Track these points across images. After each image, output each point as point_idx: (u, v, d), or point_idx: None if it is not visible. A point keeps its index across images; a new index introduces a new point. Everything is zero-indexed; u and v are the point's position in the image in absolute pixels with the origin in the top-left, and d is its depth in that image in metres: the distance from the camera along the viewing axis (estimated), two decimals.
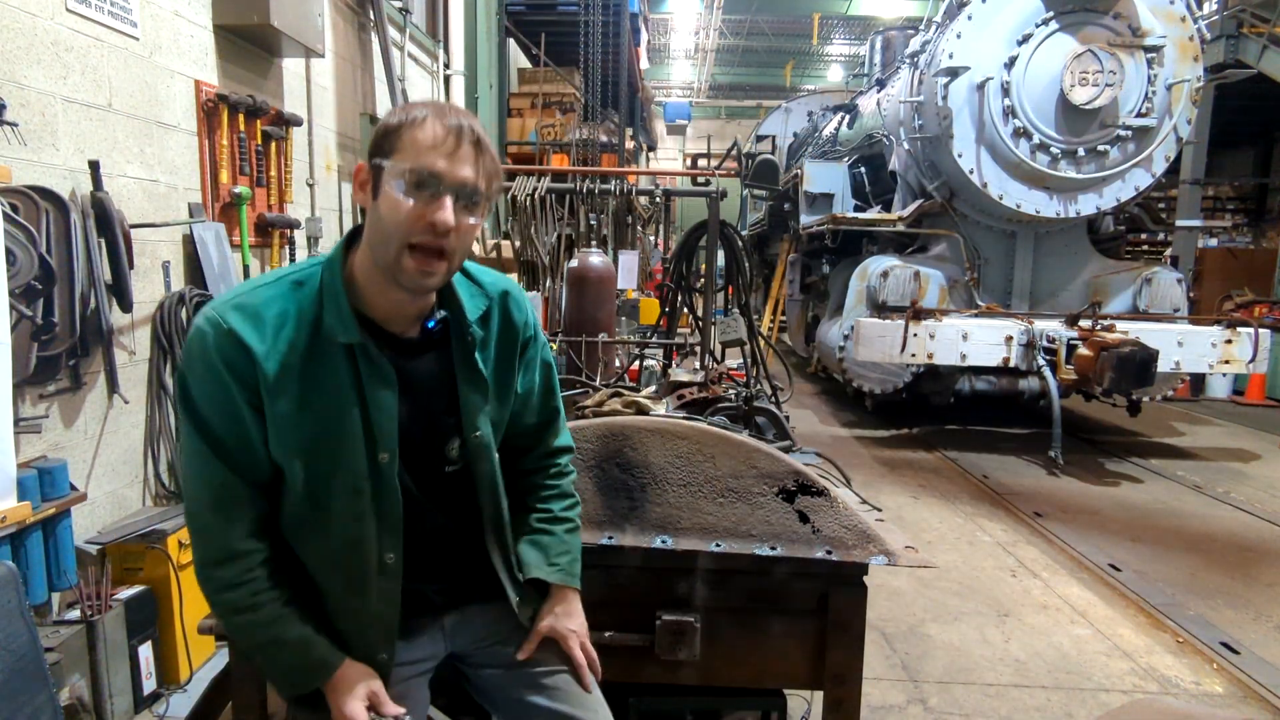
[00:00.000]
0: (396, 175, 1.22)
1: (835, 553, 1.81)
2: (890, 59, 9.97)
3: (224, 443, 1.27)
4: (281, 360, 1.25)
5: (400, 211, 1.22)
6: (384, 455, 1.32)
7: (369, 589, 1.37)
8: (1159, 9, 6.94)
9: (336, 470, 1.31)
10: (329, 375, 1.28)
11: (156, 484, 3.55)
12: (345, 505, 1.32)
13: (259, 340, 1.25)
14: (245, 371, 1.25)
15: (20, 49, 2.84)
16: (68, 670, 2.54)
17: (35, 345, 2.78)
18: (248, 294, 1.29)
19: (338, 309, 1.28)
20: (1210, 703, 3.15)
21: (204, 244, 3.81)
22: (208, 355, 1.24)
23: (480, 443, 1.44)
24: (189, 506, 1.32)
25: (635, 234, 6.45)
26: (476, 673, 1.58)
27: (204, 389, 1.26)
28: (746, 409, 2.70)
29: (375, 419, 1.31)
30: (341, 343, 1.28)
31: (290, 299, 1.29)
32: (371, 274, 1.30)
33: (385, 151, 1.24)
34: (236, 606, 1.30)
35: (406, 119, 1.24)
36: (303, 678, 1.35)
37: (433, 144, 1.22)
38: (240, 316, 1.25)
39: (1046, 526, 5.08)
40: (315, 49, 4.67)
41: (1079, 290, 7.72)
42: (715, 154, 11.99)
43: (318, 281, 1.31)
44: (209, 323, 1.25)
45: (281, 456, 1.29)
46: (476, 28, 8.67)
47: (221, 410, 1.26)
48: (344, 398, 1.29)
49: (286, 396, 1.26)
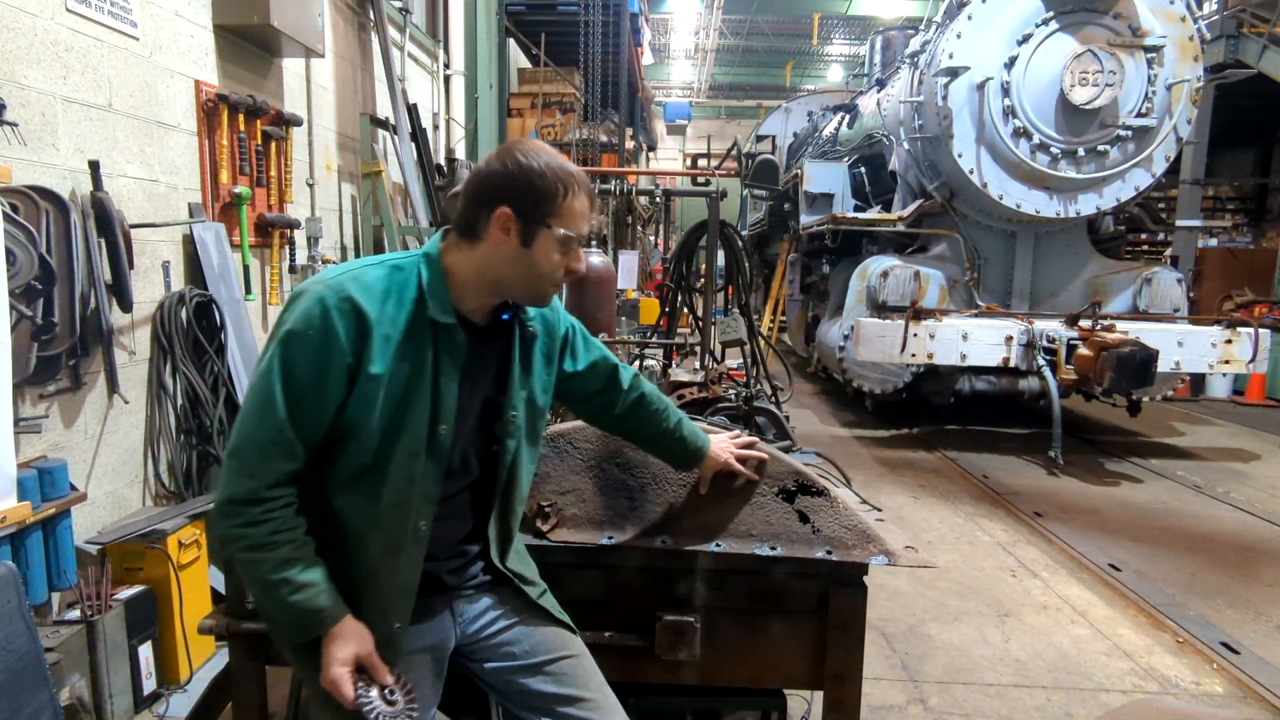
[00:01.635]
0: (559, 240, 1.47)
1: (835, 553, 1.81)
2: (890, 59, 9.97)
3: (303, 399, 1.38)
4: (386, 330, 1.42)
5: (555, 264, 1.49)
6: (443, 427, 1.47)
7: (403, 553, 1.47)
8: (1159, 9, 6.94)
9: (402, 433, 1.44)
10: (417, 348, 1.45)
11: (156, 484, 3.55)
12: (401, 468, 1.44)
13: (374, 309, 1.41)
14: (355, 337, 1.39)
15: (20, 49, 2.84)
16: (68, 670, 2.54)
17: (35, 345, 2.78)
18: (359, 270, 1.45)
19: (437, 294, 1.46)
20: (1210, 703, 3.15)
21: (204, 244, 3.81)
22: (327, 318, 1.38)
23: (513, 423, 1.58)
24: (237, 443, 1.39)
25: (635, 234, 6.46)
26: (481, 666, 1.62)
27: (310, 347, 1.38)
28: (746, 409, 2.70)
29: (442, 392, 1.47)
30: (438, 322, 1.45)
31: (394, 279, 1.46)
32: (480, 284, 1.49)
33: (547, 214, 1.45)
34: (254, 542, 1.37)
35: (566, 189, 1.46)
36: (306, 621, 1.39)
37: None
38: (359, 287, 1.41)
39: (1046, 526, 5.08)
40: (315, 49, 4.67)
41: (1079, 290, 7.72)
42: (715, 154, 12.00)
43: (415, 269, 1.48)
44: (331, 289, 1.40)
45: (361, 415, 1.41)
46: (476, 28, 8.66)
47: (317, 369, 1.38)
48: (424, 369, 1.45)
49: (382, 360, 1.41)
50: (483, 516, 1.60)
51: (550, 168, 1.45)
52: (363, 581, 1.46)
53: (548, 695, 1.56)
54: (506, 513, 1.62)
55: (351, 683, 1.37)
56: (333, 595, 1.41)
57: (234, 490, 1.37)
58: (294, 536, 1.40)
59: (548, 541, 1.84)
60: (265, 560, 1.37)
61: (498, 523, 1.61)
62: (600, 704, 1.57)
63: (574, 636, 1.65)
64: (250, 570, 1.40)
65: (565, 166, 1.47)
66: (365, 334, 1.40)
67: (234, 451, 1.39)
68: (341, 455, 1.44)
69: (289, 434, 1.38)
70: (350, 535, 1.46)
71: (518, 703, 1.58)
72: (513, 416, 1.58)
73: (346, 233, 5.91)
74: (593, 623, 1.79)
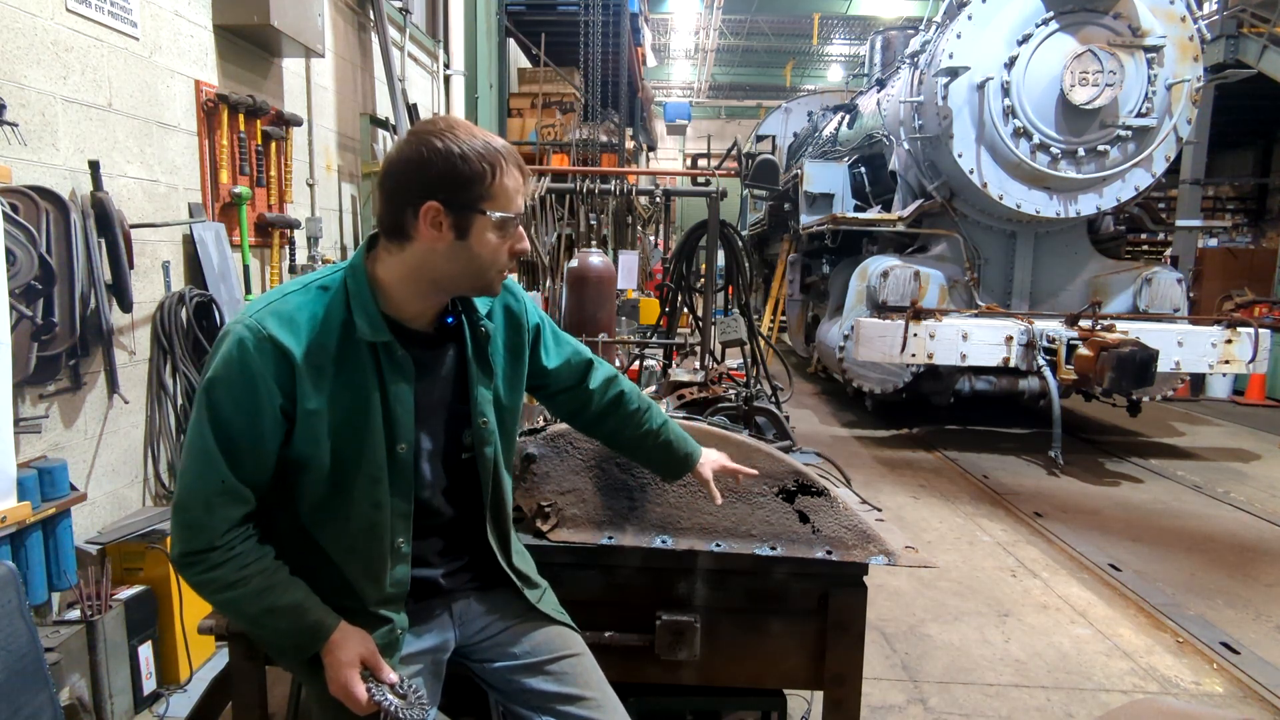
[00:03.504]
0: (497, 224, 1.36)
1: (835, 553, 1.81)
2: (890, 59, 9.97)
3: (238, 447, 1.32)
4: (315, 360, 1.34)
5: (497, 252, 1.39)
6: (402, 446, 1.41)
7: (384, 574, 1.44)
8: (1159, 9, 6.94)
9: (359, 460, 1.39)
10: (355, 372, 1.37)
11: (156, 484, 3.55)
12: (365, 493, 1.40)
13: (295, 343, 1.33)
14: (282, 374, 1.32)
15: (20, 49, 2.84)
16: (68, 670, 2.54)
17: (35, 345, 2.78)
18: (279, 301, 1.36)
19: (365, 311, 1.37)
20: (1210, 703, 3.15)
21: (204, 244, 3.81)
22: (246, 360, 1.30)
23: (485, 429, 1.53)
24: (182, 499, 1.34)
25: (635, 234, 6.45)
26: (482, 666, 1.61)
27: (234, 393, 1.31)
28: (746, 409, 2.70)
29: (394, 411, 1.40)
30: (370, 341, 1.37)
31: (319, 303, 1.37)
32: (415, 287, 1.40)
33: (477, 198, 1.33)
34: (224, 583, 1.34)
35: (493, 167, 1.33)
36: (303, 640, 1.38)
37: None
38: (277, 322, 1.33)
39: (1046, 526, 5.08)
40: (315, 49, 4.67)
41: (1079, 290, 7.72)
42: (715, 154, 12.00)
43: (341, 286, 1.39)
44: (248, 329, 1.32)
45: (309, 451, 1.36)
46: (476, 28, 8.67)
47: (247, 414, 1.32)
48: (368, 393, 1.38)
49: (318, 394, 1.34)
50: (477, 522, 1.58)
51: (472, 148, 1.32)
52: (353, 599, 1.44)
53: (549, 694, 1.55)
54: (499, 515, 1.60)
55: (362, 684, 1.37)
56: (321, 607, 1.40)
57: (186, 545, 1.34)
58: (262, 566, 1.36)
59: (548, 541, 1.84)
60: (241, 597, 1.34)
61: (494, 527, 1.59)
62: (602, 703, 1.56)
63: (575, 636, 1.65)
64: (231, 609, 1.39)
65: (489, 143, 1.34)
66: (291, 370, 1.32)
67: (180, 506, 1.34)
68: (300, 487, 1.40)
69: (231, 483, 1.32)
70: (330, 558, 1.44)
71: (519, 702, 1.58)
72: (484, 423, 1.52)
73: (346, 233, 5.91)
74: (593, 623, 1.79)
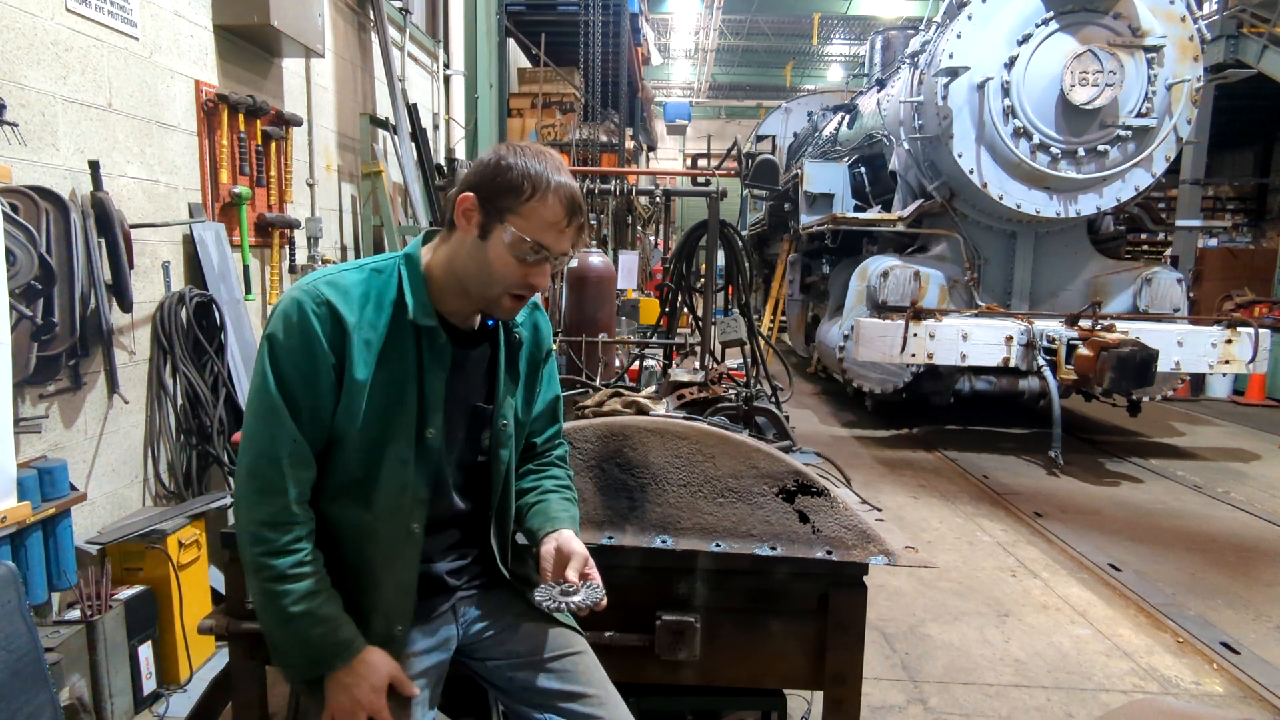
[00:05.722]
0: (514, 241, 1.37)
1: (835, 553, 1.81)
2: (890, 59, 9.97)
3: (300, 406, 1.36)
4: (366, 334, 1.39)
5: (509, 269, 1.39)
6: (431, 431, 1.45)
7: (400, 556, 1.46)
8: (1159, 9, 6.94)
9: (389, 440, 1.41)
10: (399, 353, 1.41)
11: (156, 484, 3.55)
12: (392, 476, 1.42)
13: (350, 312, 1.38)
14: (336, 339, 1.36)
15: (20, 49, 2.84)
16: (68, 670, 2.54)
17: (35, 345, 2.78)
18: (335, 275, 1.41)
19: (417, 295, 1.42)
20: (1210, 703, 3.15)
21: (204, 244, 3.81)
22: (305, 321, 1.35)
23: (504, 432, 1.56)
24: (252, 463, 1.35)
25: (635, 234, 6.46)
26: (484, 664, 1.62)
27: (293, 353, 1.35)
28: (746, 409, 2.70)
29: (428, 396, 1.44)
30: (419, 325, 1.41)
31: (372, 282, 1.42)
32: (450, 280, 1.44)
33: (506, 208, 1.37)
34: (281, 573, 1.35)
35: (533, 188, 1.35)
36: (327, 653, 1.38)
37: (553, 222, 1.38)
38: (334, 291, 1.38)
39: (1046, 526, 5.08)
40: (315, 49, 4.67)
41: (1079, 290, 7.72)
42: (715, 154, 12.01)
43: (394, 271, 1.44)
44: (306, 294, 1.37)
45: (345, 424, 1.39)
46: (476, 28, 8.66)
47: (306, 374, 1.36)
48: (407, 375, 1.42)
49: (364, 367, 1.38)
50: (482, 522, 1.59)
51: (527, 166, 1.36)
52: (363, 586, 1.45)
53: (551, 691, 1.55)
54: (503, 519, 1.61)
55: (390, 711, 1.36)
56: (352, 627, 1.40)
57: (264, 512, 1.34)
58: (317, 569, 1.38)
59: None
60: (289, 593, 1.34)
61: (497, 530, 1.60)
62: (604, 700, 1.56)
63: (577, 634, 1.65)
64: (271, 601, 1.37)
65: (546, 171, 1.37)
66: (344, 338, 1.36)
67: (251, 472, 1.35)
68: (330, 466, 1.42)
69: (301, 443, 1.36)
70: (347, 542, 1.45)
71: (521, 700, 1.58)
72: (504, 425, 1.55)
73: (346, 233, 5.91)
74: (593, 622, 1.79)
